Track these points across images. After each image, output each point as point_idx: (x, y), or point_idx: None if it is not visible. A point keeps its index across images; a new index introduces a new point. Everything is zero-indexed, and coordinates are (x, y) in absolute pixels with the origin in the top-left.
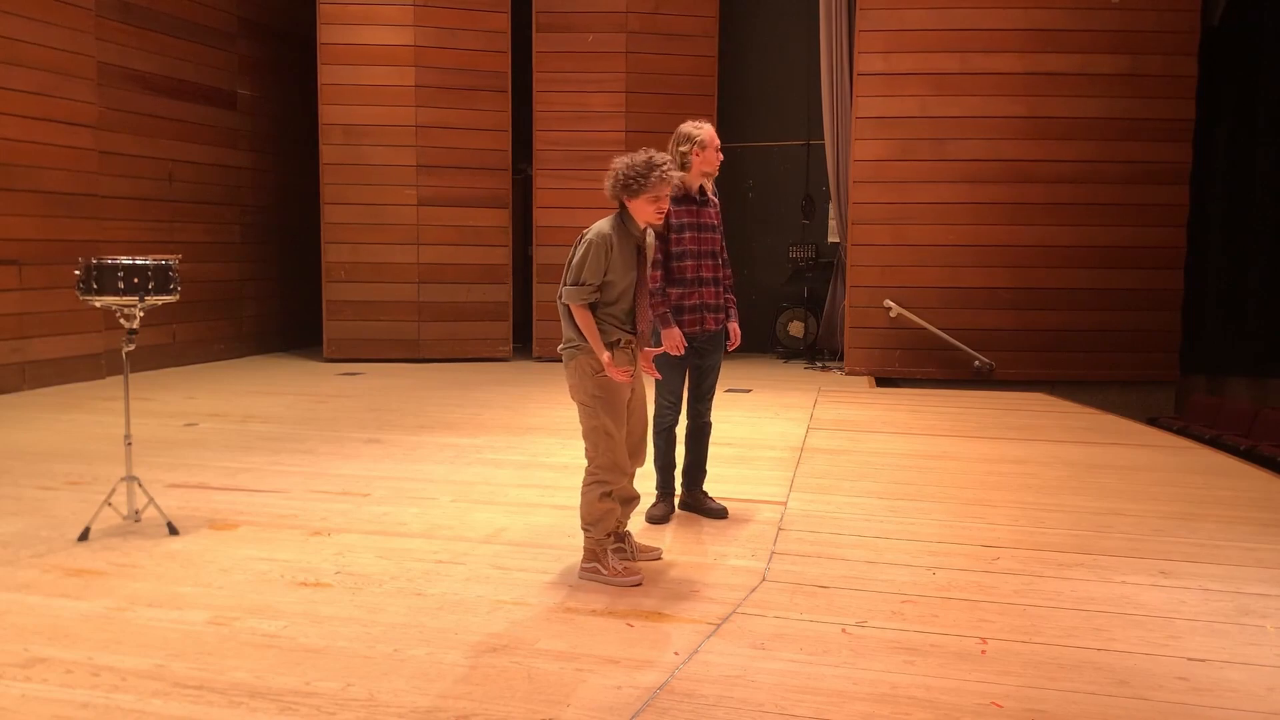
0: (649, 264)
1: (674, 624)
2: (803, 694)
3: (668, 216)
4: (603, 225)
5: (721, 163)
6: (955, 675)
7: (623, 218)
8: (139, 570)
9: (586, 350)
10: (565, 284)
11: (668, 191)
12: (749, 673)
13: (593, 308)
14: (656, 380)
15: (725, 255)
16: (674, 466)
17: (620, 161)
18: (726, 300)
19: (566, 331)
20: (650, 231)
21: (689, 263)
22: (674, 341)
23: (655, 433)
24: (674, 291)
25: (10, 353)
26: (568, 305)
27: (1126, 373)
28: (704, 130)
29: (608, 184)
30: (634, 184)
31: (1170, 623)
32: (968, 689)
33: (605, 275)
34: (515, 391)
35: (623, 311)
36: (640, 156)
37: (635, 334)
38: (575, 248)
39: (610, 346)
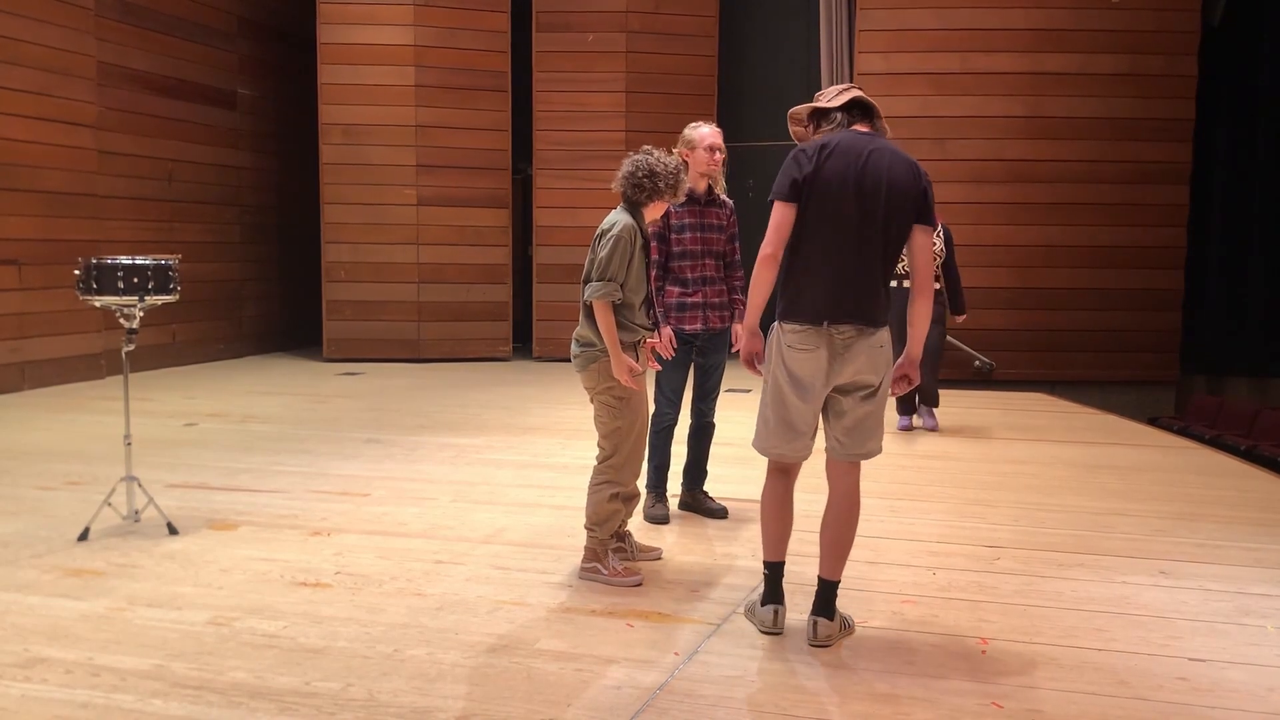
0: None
1: (674, 624)
2: (803, 694)
3: (668, 216)
4: (623, 219)
5: (725, 161)
6: (955, 675)
7: (634, 214)
8: (139, 570)
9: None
10: (590, 280)
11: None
12: (749, 673)
13: (615, 308)
14: (657, 379)
15: (736, 256)
16: (669, 466)
17: (646, 163)
18: (734, 300)
19: (588, 333)
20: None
21: (688, 263)
22: (664, 340)
23: (654, 431)
24: (674, 290)
25: (10, 353)
26: (590, 304)
27: (1126, 373)
28: (696, 131)
29: (647, 183)
30: (672, 187)
31: (1170, 623)
32: (968, 689)
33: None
34: (515, 391)
35: (639, 307)
36: (666, 159)
37: (655, 328)
38: (598, 243)
39: (633, 347)
